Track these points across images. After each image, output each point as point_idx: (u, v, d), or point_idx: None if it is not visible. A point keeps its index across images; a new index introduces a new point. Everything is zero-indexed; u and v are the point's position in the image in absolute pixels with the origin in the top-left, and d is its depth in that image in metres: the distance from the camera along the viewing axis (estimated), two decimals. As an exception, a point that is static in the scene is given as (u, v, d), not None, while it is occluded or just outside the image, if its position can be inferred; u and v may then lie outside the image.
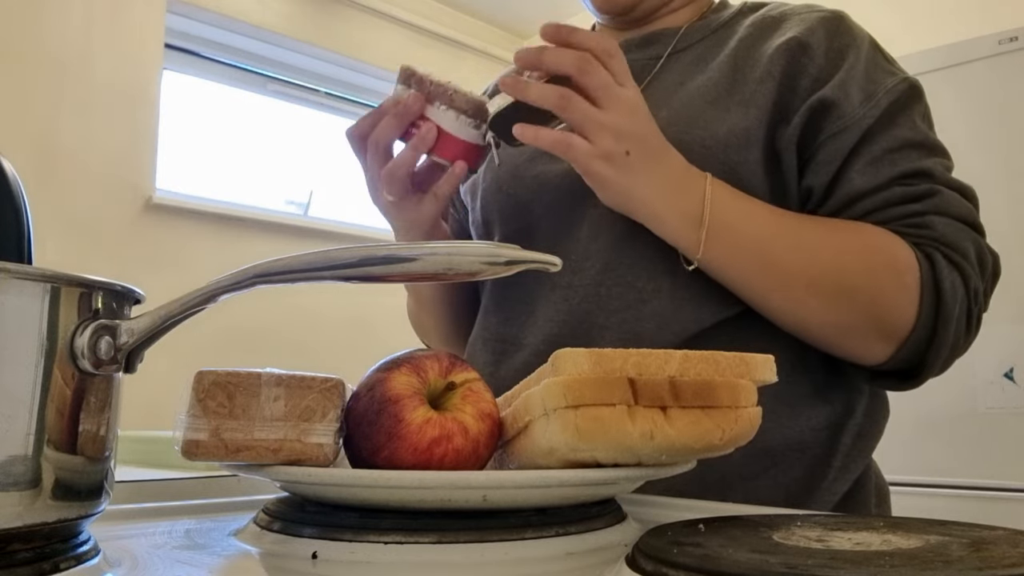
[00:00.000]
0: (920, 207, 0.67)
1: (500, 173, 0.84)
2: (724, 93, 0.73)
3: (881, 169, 0.69)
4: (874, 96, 0.71)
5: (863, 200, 0.68)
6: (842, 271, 0.66)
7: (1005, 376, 1.66)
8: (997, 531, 0.36)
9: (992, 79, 1.77)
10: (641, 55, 0.82)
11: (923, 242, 0.67)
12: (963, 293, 0.66)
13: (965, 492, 1.67)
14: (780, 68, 0.72)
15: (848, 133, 0.70)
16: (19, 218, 0.51)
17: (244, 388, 0.42)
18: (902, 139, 0.70)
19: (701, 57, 0.78)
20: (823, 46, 0.73)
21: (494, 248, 0.40)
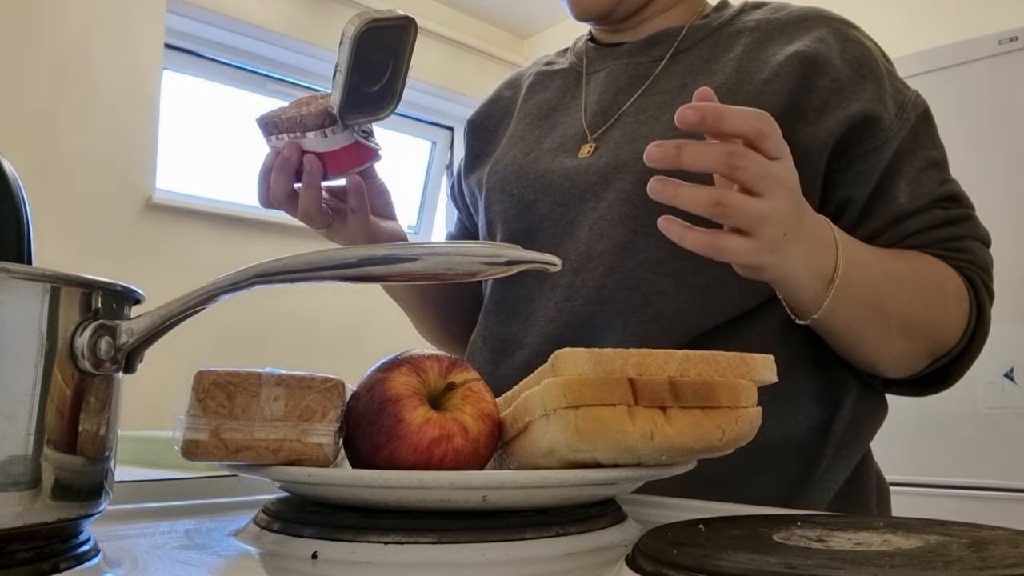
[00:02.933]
0: (959, 231, 0.71)
1: (504, 173, 0.84)
2: (727, 95, 0.73)
3: (920, 190, 0.71)
4: (904, 109, 0.73)
5: (908, 220, 0.70)
6: (927, 309, 0.67)
7: (1005, 376, 1.66)
8: (997, 531, 0.36)
9: (992, 79, 1.77)
10: (645, 57, 0.82)
11: (965, 266, 0.70)
12: (990, 311, 0.72)
13: (965, 492, 1.67)
14: (791, 72, 0.72)
15: (887, 146, 0.71)
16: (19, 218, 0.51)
17: (244, 388, 0.42)
18: (929, 158, 0.73)
19: (704, 58, 0.78)
20: (838, 55, 0.73)
21: (494, 248, 0.40)
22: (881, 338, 0.67)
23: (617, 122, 0.79)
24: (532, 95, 0.90)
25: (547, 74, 0.91)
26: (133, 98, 2.62)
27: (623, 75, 0.82)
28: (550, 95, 0.88)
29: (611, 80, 0.83)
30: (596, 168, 0.76)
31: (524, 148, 0.84)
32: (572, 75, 0.88)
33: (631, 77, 0.81)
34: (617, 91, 0.81)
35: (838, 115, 0.70)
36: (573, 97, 0.85)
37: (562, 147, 0.81)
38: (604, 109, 0.81)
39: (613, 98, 0.81)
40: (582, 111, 0.83)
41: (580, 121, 0.82)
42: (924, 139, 0.73)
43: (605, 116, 0.80)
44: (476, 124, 0.95)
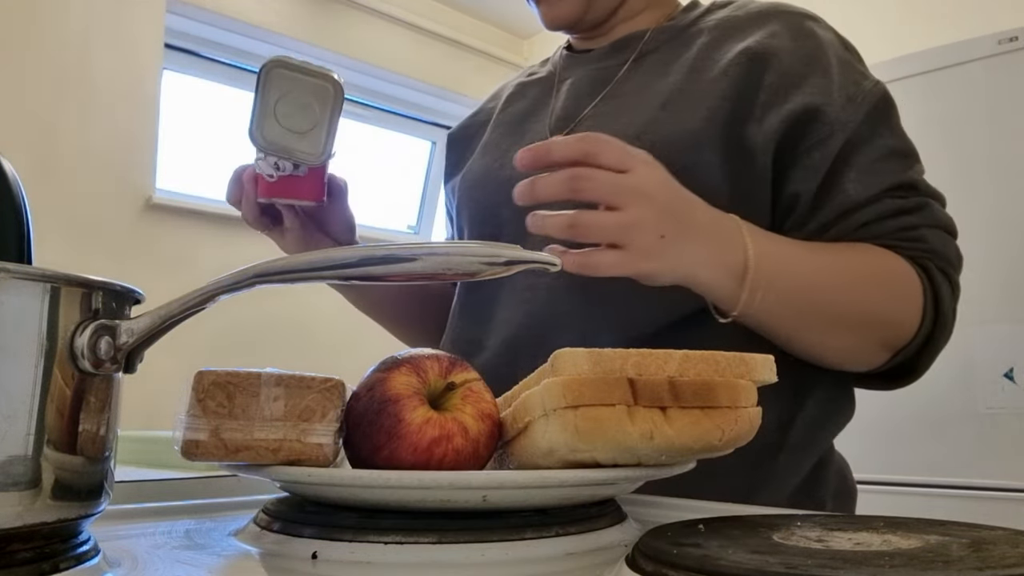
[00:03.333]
0: (914, 220, 0.69)
1: (472, 178, 0.86)
2: (678, 95, 0.74)
3: (873, 180, 0.70)
4: (854, 100, 0.71)
5: (859, 211, 0.69)
6: (867, 303, 0.67)
7: (1005, 376, 1.66)
8: (997, 531, 0.36)
9: (991, 79, 1.77)
10: (609, 62, 0.83)
11: (919, 255, 0.69)
12: (952, 300, 0.70)
13: (965, 492, 1.67)
14: (738, 70, 0.73)
15: (833, 139, 0.70)
16: (19, 218, 0.51)
17: (244, 388, 0.42)
18: (887, 147, 0.71)
19: (664, 60, 0.79)
20: (787, 48, 0.73)
21: (494, 248, 0.40)
22: (819, 332, 0.67)
23: (578, 127, 0.80)
24: (509, 104, 0.92)
25: (526, 84, 0.93)
26: (133, 98, 2.62)
27: (587, 81, 0.84)
28: (525, 104, 0.90)
29: (576, 86, 0.84)
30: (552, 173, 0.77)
31: (494, 156, 0.86)
32: (547, 83, 0.90)
33: (595, 82, 0.83)
34: (580, 97, 0.83)
35: (781, 111, 0.70)
36: (545, 105, 0.87)
37: None
38: (568, 114, 0.82)
39: (576, 103, 0.82)
40: (549, 117, 0.84)
41: (546, 127, 0.83)
42: (881, 128, 0.72)
43: (568, 121, 0.81)
44: (455, 136, 0.98)
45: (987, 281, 1.71)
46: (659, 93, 0.75)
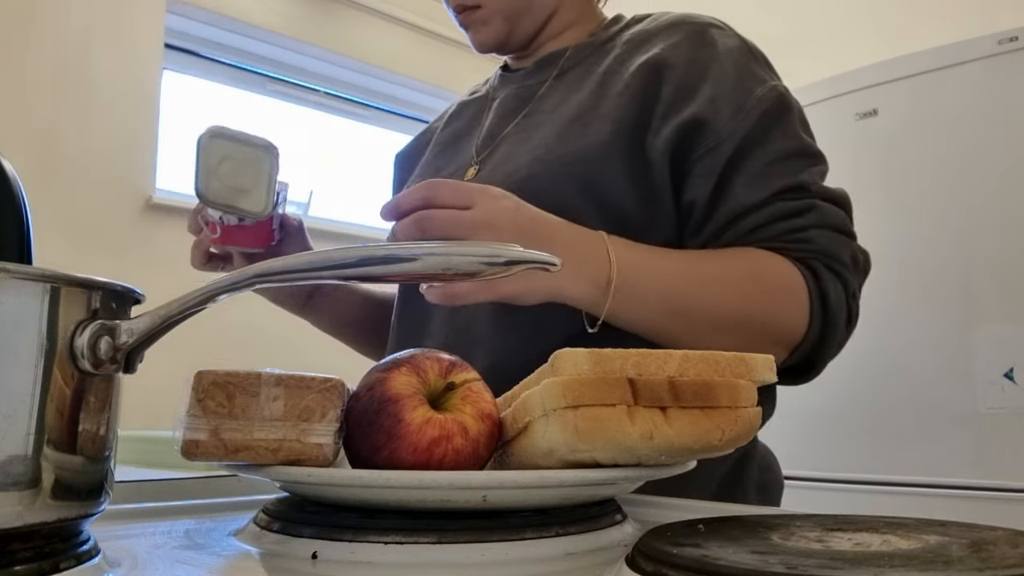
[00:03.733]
0: (802, 222, 0.71)
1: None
2: (588, 109, 0.77)
3: (763, 184, 0.72)
4: (743, 108, 0.73)
5: (748, 216, 0.72)
6: (742, 304, 0.69)
7: (1005, 376, 1.66)
8: (997, 531, 0.36)
9: (992, 79, 1.77)
10: (532, 80, 0.86)
11: (806, 255, 0.71)
12: (844, 298, 0.71)
13: (965, 492, 1.67)
14: (639, 82, 0.75)
15: (722, 148, 0.72)
16: (19, 218, 0.51)
17: (244, 388, 0.42)
18: (780, 151, 0.73)
19: (580, 76, 0.82)
20: (684, 61, 0.75)
21: (494, 248, 0.40)
22: (700, 333, 0.68)
23: (499, 145, 0.83)
24: (449, 124, 0.95)
25: (466, 103, 0.96)
26: (133, 98, 2.62)
27: (512, 99, 0.87)
28: (461, 124, 0.93)
29: (501, 105, 0.88)
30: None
31: (426, 175, 0.89)
32: (481, 103, 0.93)
33: (518, 100, 0.86)
34: (504, 116, 0.86)
35: (673, 122, 0.73)
36: (476, 124, 0.90)
37: (454, 172, 0.86)
38: (492, 133, 0.85)
39: (499, 122, 0.86)
40: (478, 137, 0.88)
41: (474, 148, 0.87)
42: (774, 133, 0.73)
43: (492, 140, 0.85)
44: (400, 156, 1.01)
45: (987, 281, 1.71)
46: (572, 108, 0.78)
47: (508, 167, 0.77)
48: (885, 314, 1.85)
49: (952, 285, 1.76)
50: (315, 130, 3.30)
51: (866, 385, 1.84)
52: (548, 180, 0.73)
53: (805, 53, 2.72)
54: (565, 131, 0.76)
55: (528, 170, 0.75)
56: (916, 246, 1.82)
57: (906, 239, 1.84)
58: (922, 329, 1.78)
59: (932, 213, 1.80)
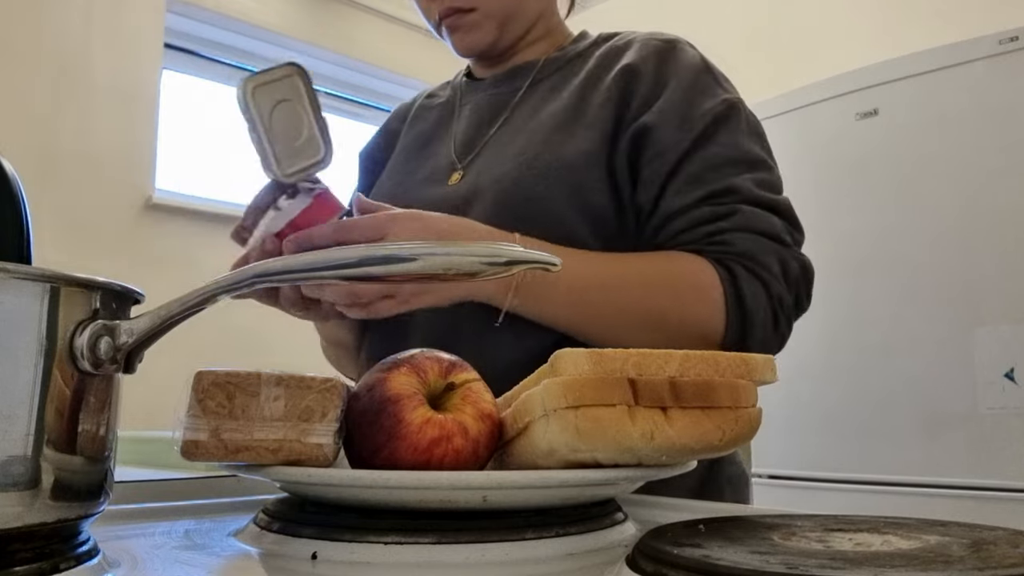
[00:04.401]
0: (725, 224, 0.73)
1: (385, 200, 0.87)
2: (571, 119, 0.80)
3: (695, 188, 0.75)
4: (689, 121, 0.77)
5: (676, 219, 0.75)
6: (647, 301, 0.72)
7: (1005, 376, 1.66)
8: (997, 531, 0.36)
9: (992, 79, 1.77)
10: (505, 88, 0.89)
11: (725, 257, 0.73)
12: (765, 299, 0.72)
13: (965, 492, 1.67)
14: (617, 93, 0.79)
15: (665, 157, 0.76)
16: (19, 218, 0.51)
17: (244, 388, 0.42)
18: (717, 157, 0.76)
19: (555, 86, 0.85)
20: (651, 73, 0.79)
21: (495, 248, 0.40)
22: (614, 329, 0.71)
23: (482, 151, 0.85)
24: (413, 127, 0.97)
25: (427, 107, 0.98)
26: (133, 98, 2.62)
27: (486, 106, 0.89)
28: (427, 127, 0.94)
29: (475, 112, 0.90)
30: (460, 194, 0.82)
31: (398, 179, 0.91)
32: (448, 108, 0.95)
33: (493, 108, 0.88)
34: (480, 122, 0.88)
35: (630, 130, 0.77)
36: (446, 129, 0.92)
37: (432, 177, 0.87)
38: (470, 139, 0.87)
39: (477, 129, 0.88)
40: (452, 142, 0.89)
41: (450, 151, 0.88)
42: (715, 141, 0.76)
43: (471, 146, 0.87)
44: (366, 156, 1.01)
45: (987, 281, 1.71)
46: (552, 116, 0.81)
47: (495, 172, 0.80)
48: (885, 314, 1.85)
49: (952, 285, 1.76)
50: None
51: (866, 385, 1.84)
52: (538, 185, 0.76)
53: (805, 53, 2.72)
54: (550, 138, 0.79)
55: (517, 174, 0.78)
56: (916, 246, 1.82)
57: (906, 239, 1.83)
58: (922, 329, 1.78)
59: (932, 213, 1.80)
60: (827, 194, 1.98)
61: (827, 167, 2.00)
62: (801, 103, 2.07)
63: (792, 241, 0.76)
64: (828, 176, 1.99)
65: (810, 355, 1.96)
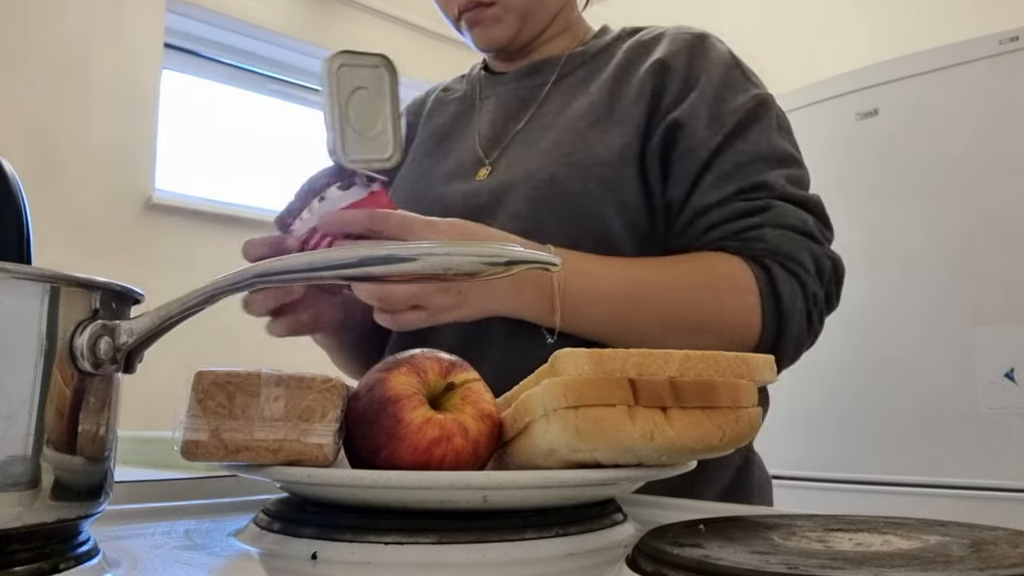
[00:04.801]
0: (757, 220, 0.73)
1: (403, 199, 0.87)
2: (603, 115, 0.79)
3: (727, 184, 0.74)
4: (720, 118, 0.76)
5: (708, 214, 0.74)
6: (692, 308, 0.71)
7: (1005, 376, 1.66)
8: (997, 531, 0.36)
9: (992, 79, 1.77)
10: (530, 83, 0.88)
11: (760, 254, 0.72)
12: (801, 297, 0.72)
13: (965, 492, 1.67)
14: (649, 88, 0.79)
15: (696, 153, 0.75)
16: (19, 218, 0.51)
17: (244, 388, 0.42)
18: (749, 153, 0.75)
19: (582, 81, 0.84)
20: (682, 68, 0.79)
21: (495, 248, 0.40)
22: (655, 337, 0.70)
23: (509, 145, 0.84)
24: (430, 120, 0.95)
25: (444, 101, 0.97)
26: (133, 98, 2.62)
27: (512, 100, 0.88)
28: (446, 120, 0.93)
29: (501, 106, 0.89)
30: (489, 189, 0.80)
31: (420, 174, 0.90)
32: (466, 102, 0.93)
33: (520, 102, 0.87)
34: (507, 117, 0.87)
35: (662, 125, 0.77)
36: (467, 123, 0.91)
37: (457, 171, 0.86)
38: (496, 134, 0.86)
39: (504, 124, 0.87)
40: (476, 136, 0.88)
41: (475, 145, 0.87)
42: (746, 137, 0.76)
43: (498, 140, 0.86)
44: None
45: (987, 281, 1.71)
46: (583, 112, 0.80)
47: (528, 166, 0.79)
48: (885, 314, 1.85)
49: (953, 285, 1.76)
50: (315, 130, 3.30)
51: (867, 385, 1.84)
52: (572, 181, 0.76)
53: (806, 53, 2.72)
54: (584, 135, 0.78)
55: (550, 170, 0.77)
56: (917, 246, 1.82)
57: (906, 239, 1.83)
58: (923, 329, 1.78)
59: (932, 213, 1.80)
60: (827, 194, 1.97)
61: (827, 167, 2.00)
62: (801, 103, 2.07)
63: (823, 238, 0.76)
64: (828, 176, 1.99)
65: (809, 355, 1.95)
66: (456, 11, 0.86)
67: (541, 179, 0.77)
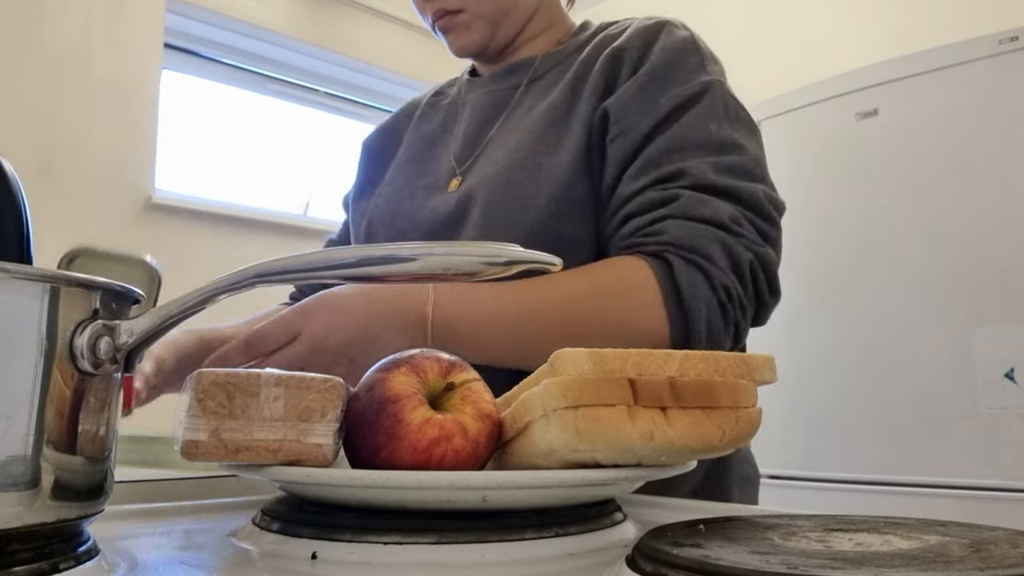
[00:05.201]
0: (664, 212, 0.71)
1: (385, 208, 0.89)
2: (564, 114, 0.78)
3: (647, 172, 0.73)
4: (655, 102, 0.74)
5: (627, 204, 0.73)
6: (582, 320, 0.69)
7: (1005, 376, 1.66)
8: (997, 531, 0.36)
9: (992, 79, 1.77)
10: (504, 85, 0.88)
11: (661, 248, 0.70)
12: (707, 288, 0.68)
13: (965, 492, 1.67)
14: (602, 81, 0.78)
15: (624, 138, 0.74)
16: (19, 218, 0.51)
17: (243, 388, 0.42)
18: (680, 139, 0.73)
19: (553, 81, 0.84)
20: (634, 56, 0.78)
21: (494, 248, 0.40)
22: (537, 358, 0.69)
23: (482, 152, 0.84)
24: (419, 125, 0.95)
25: (434, 106, 0.96)
26: (133, 98, 2.62)
27: (485, 104, 0.88)
28: (433, 127, 0.93)
29: (477, 111, 0.88)
30: (456, 200, 0.80)
31: (402, 181, 0.90)
32: (452, 108, 0.93)
33: (493, 106, 0.87)
34: (482, 122, 0.87)
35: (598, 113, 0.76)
36: (450, 130, 0.91)
37: (433, 184, 0.86)
38: (471, 141, 0.86)
39: (478, 129, 0.86)
40: (453, 144, 0.88)
41: (451, 155, 0.87)
42: (682, 123, 0.74)
43: (472, 147, 0.86)
44: (370, 149, 0.99)
45: (987, 281, 1.71)
46: (545, 112, 0.80)
47: (489, 173, 0.79)
48: (885, 314, 1.85)
49: (952, 285, 1.76)
50: (315, 130, 3.31)
51: (866, 385, 1.84)
52: (527, 185, 0.75)
53: (806, 53, 2.72)
54: (542, 136, 0.78)
55: (506, 176, 0.77)
56: (916, 246, 1.82)
57: (906, 239, 1.83)
58: (922, 329, 1.78)
59: (932, 213, 1.80)
60: (827, 194, 1.98)
61: (827, 167, 2.00)
62: (801, 103, 2.07)
63: (746, 230, 0.71)
64: (828, 176, 1.99)
65: (810, 355, 1.96)
66: (431, 18, 0.86)
67: (497, 185, 0.76)
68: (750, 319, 0.73)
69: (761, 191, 0.73)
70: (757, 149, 0.76)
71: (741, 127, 0.76)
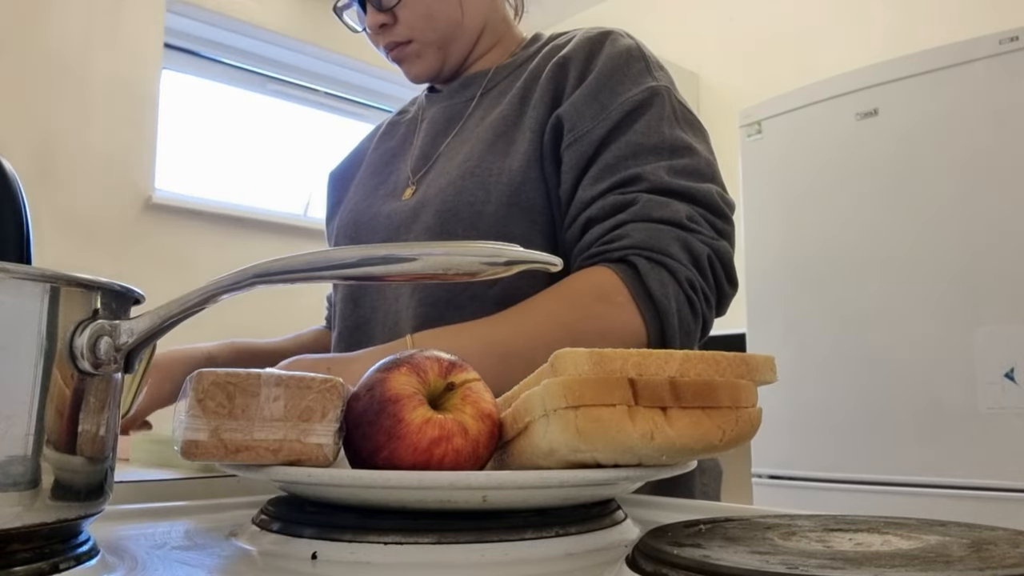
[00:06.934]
0: (624, 216, 0.73)
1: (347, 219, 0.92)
2: (513, 124, 0.81)
3: (604, 178, 0.75)
4: (607, 108, 0.76)
5: (586, 210, 0.75)
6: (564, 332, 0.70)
7: (1005, 376, 1.66)
8: (997, 531, 0.36)
9: (992, 79, 1.77)
10: (458, 99, 0.91)
11: (625, 252, 0.72)
12: (674, 284, 0.71)
13: (965, 492, 1.67)
14: (549, 89, 0.80)
15: (579, 145, 0.76)
16: (19, 218, 0.51)
17: (244, 388, 0.42)
18: (634, 144, 0.75)
19: (503, 92, 0.86)
20: (580, 64, 0.80)
21: (494, 248, 0.40)
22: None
23: (435, 162, 0.87)
24: (381, 144, 0.98)
25: (396, 123, 1.00)
26: (133, 98, 2.62)
27: (441, 119, 0.91)
28: (393, 143, 0.96)
29: (432, 125, 0.91)
30: (410, 207, 0.83)
31: (362, 195, 0.93)
32: (412, 123, 0.97)
33: (447, 120, 0.90)
34: (436, 134, 0.90)
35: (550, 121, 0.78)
36: (408, 144, 0.94)
37: (392, 192, 0.89)
38: (426, 153, 0.89)
39: (433, 142, 0.89)
40: (410, 157, 0.91)
41: (407, 166, 0.90)
42: (635, 129, 0.76)
43: (426, 159, 0.88)
44: (336, 176, 1.03)
45: (987, 281, 1.71)
46: (495, 123, 0.82)
47: (441, 182, 0.81)
48: (885, 314, 1.85)
49: (952, 285, 1.76)
50: (315, 130, 3.31)
51: (866, 385, 1.84)
52: (477, 192, 0.77)
53: (806, 53, 2.72)
54: (492, 145, 0.80)
55: (458, 184, 0.79)
56: (916, 246, 1.82)
57: (906, 239, 1.83)
58: (922, 329, 1.78)
59: (932, 213, 1.80)
60: (827, 194, 1.98)
61: (827, 167, 2.00)
62: (801, 103, 2.07)
63: (702, 227, 0.74)
64: (828, 176, 1.99)
65: (810, 355, 1.96)
66: (384, 51, 0.89)
67: (449, 194, 0.79)
68: (714, 309, 0.76)
69: (714, 190, 0.76)
70: (707, 151, 0.79)
71: (691, 130, 0.79)
